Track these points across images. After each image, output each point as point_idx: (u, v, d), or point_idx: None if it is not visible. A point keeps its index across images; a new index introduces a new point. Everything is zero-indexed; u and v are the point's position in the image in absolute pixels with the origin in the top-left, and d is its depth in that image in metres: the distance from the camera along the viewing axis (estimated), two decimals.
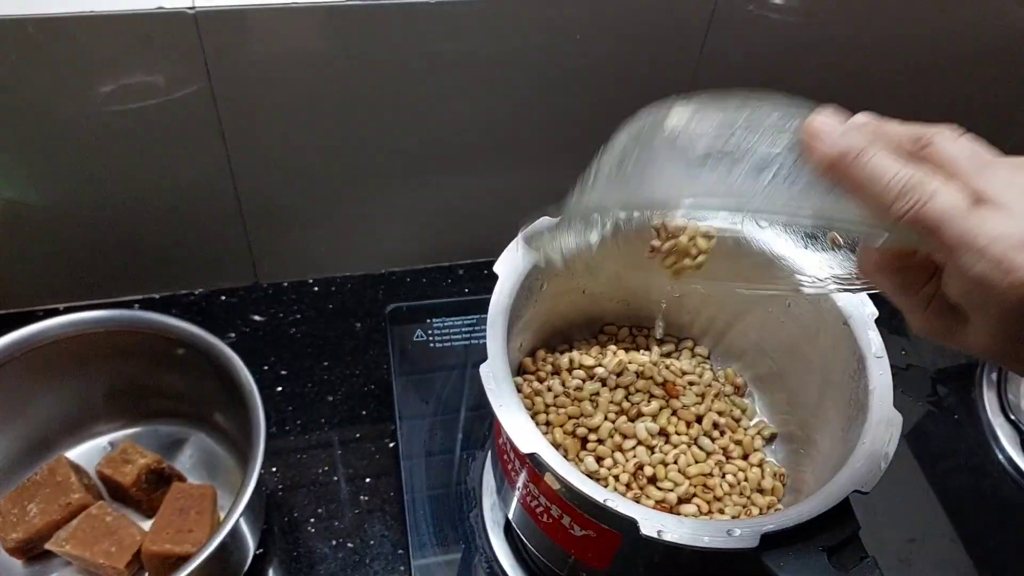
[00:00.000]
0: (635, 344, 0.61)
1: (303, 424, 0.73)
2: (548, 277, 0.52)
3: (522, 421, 0.43)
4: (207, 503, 0.62)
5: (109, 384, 0.67)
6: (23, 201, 0.69)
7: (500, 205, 0.80)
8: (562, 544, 0.47)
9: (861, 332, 0.48)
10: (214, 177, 0.71)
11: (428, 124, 0.72)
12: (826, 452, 0.51)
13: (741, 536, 0.39)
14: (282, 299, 0.81)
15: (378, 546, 0.65)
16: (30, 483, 0.62)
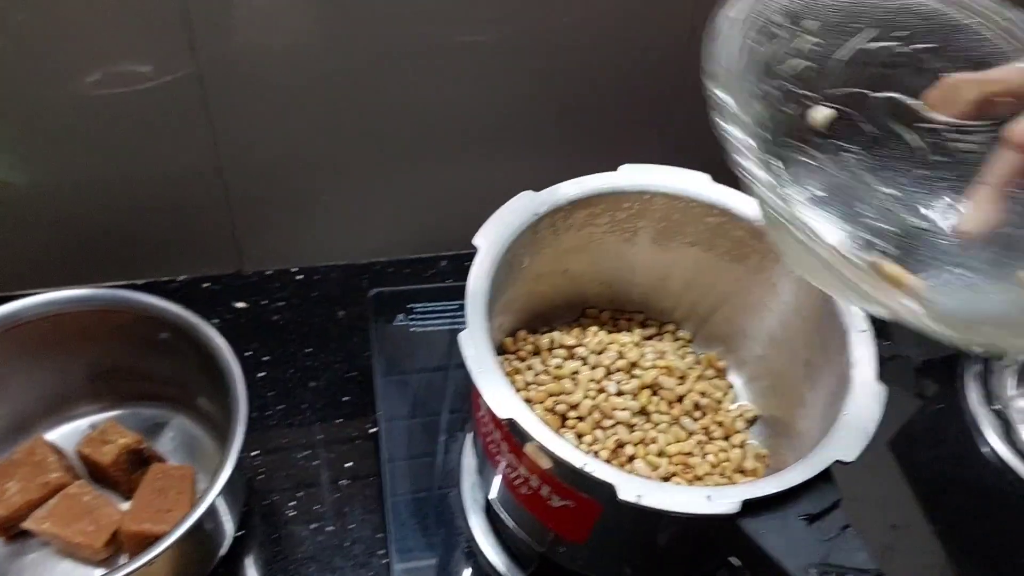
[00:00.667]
0: (616, 327, 0.61)
1: (285, 409, 0.72)
2: (528, 252, 0.52)
3: (502, 387, 0.43)
4: (186, 484, 0.61)
5: (91, 365, 0.66)
6: (6, 182, 0.68)
7: (484, 197, 0.79)
8: (541, 517, 0.47)
9: (844, 307, 0.48)
10: (200, 163, 0.71)
11: (414, 114, 0.72)
12: (807, 433, 0.51)
13: (720, 502, 0.39)
14: (266, 287, 0.81)
15: (358, 529, 0.65)
16: (8, 462, 0.62)
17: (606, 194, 0.53)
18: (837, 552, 0.40)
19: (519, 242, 0.51)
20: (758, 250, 0.53)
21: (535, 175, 0.78)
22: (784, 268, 0.52)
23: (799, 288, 0.51)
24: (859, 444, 0.42)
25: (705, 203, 0.53)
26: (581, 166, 0.78)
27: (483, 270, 0.48)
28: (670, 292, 0.60)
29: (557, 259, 0.56)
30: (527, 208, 0.51)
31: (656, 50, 0.72)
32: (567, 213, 0.53)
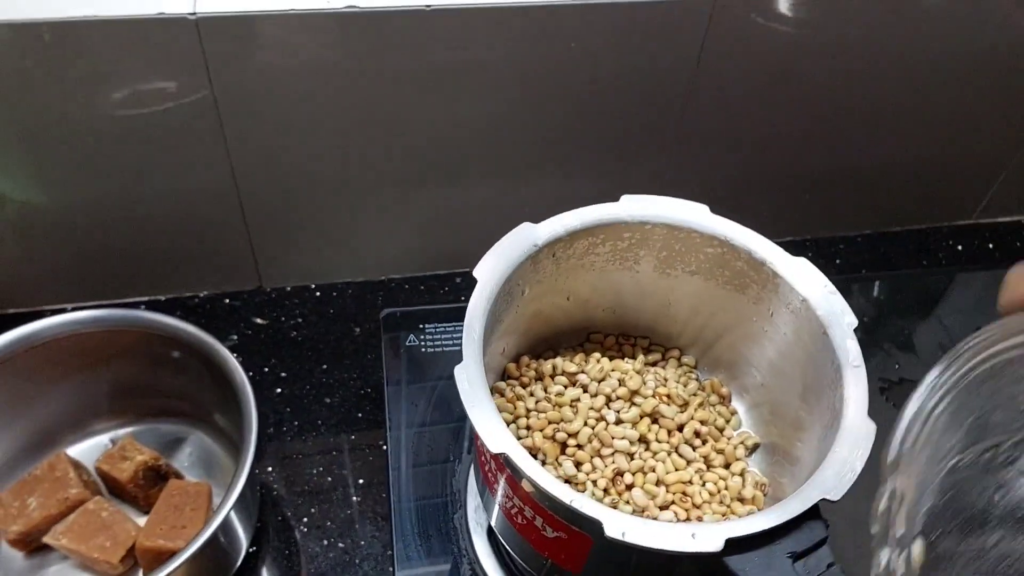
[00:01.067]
0: (621, 352, 0.61)
1: (300, 425, 0.74)
2: (529, 282, 0.53)
3: (494, 422, 0.43)
4: (202, 500, 0.63)
5: (112, 382, 0.68)
6: (33, 204, 0.71)
7: (497, 217, 0.80)
8: (537, 547, 0.48)
9: (840, 341, 0.48)
10: (217, 183, 0.73)
11: (429, 135, 0.73)
12: (804, 462, 0.51)
13: (703, 540, 0.40)
14: (284, 303, 0.82)
15: (368, 547, 0.66)
16: (31, 478, 0.64)
17: (607, 224, 0.54)
18: None
19: (519, 272, 0.51)
20: (757, 281, 0.53)
21: (546, 197, 0.79)
22: (781, 299, 0.52)
23: (796, 320, 0.51)
24: (845, 483, 0.42)
25: (705, 234, 0.53)
26: (588, 190, 0.79)
27: (480, 303, 0.48)
28: (675, 318, 0.60)
29: (559, 287, 0.56)
30: (527, 239, 0.52)
31: (661, 81, 0.72)
32: (567, 243, 0.53)
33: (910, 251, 0.92)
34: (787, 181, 0.85)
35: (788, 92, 0.76)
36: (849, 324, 0.49)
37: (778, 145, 0.81)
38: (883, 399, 0.70)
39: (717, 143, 0.79)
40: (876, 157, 0.85)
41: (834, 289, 0.50)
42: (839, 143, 0.82)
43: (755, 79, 0.74)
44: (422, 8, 0.62)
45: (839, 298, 0.50)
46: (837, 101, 0.78)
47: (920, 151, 0.86)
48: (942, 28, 0.74)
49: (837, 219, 0.92)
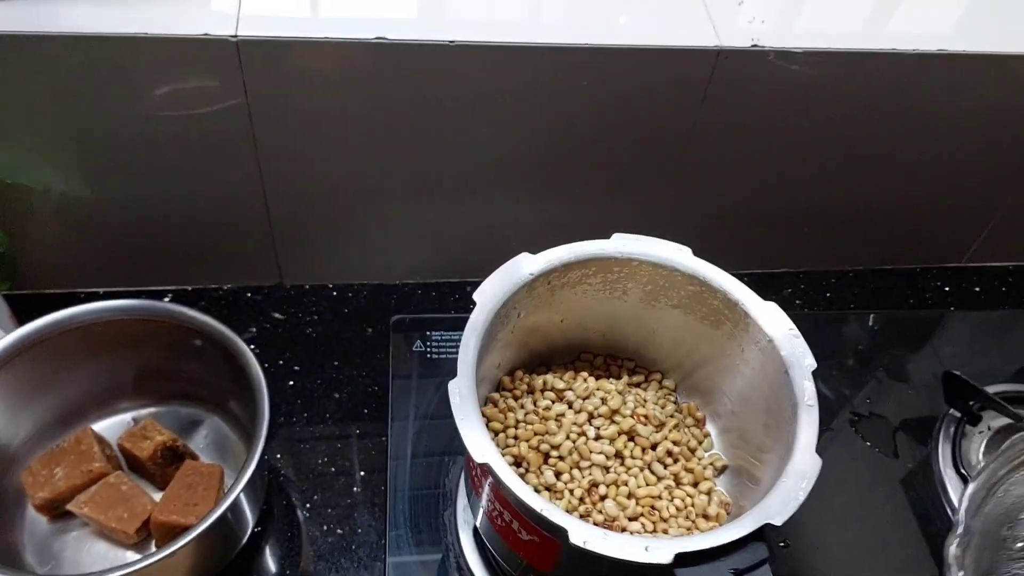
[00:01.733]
0: (608, 372, 0.66)
1: (309, 417, 0.79)
2: (525, 308, 0.58)
3: (480, 434, 0.49)
4: (214, 481, 0.69)
5: (136, 366, 0.74)
6: (75, 195, 0.76)
7: (507, 231, 0.86)
8: (513, 547, 0.53)
9: (798, 381, 0.53)
10: (246, 185, 0.78)
11: (444, 157, 0.78)
12: (764, 486, 0.56)
13: (656, 552, 0.45)
14: (302, 300, 0.88)
15: (364, 535, 0.72)
16: (58, 449, 0.69)
17: (598, 259, 0.59)
18: None
19: (515, 297, 0.56)
20: (730, 319, 0.58)
21: (548, 220, 0.85)
22: (751, 337, 0.57)
23: (763, 357, 0.56)
24: (789, 510, 0.47)
25: (686, 273, 0.58)
26: (588, 216, 0.85)
27: (478, 324, 0.54)
28: (660, 345, 0.65)
29: (553, 311, 0.61)
30: (523, 268, 0.57)
31: (664, 121, 0.77)
32: (561, 273, 0.58)
33: (900, 289, 0.96)
34: (783, 217, 0.89)
35: (787, 136, 0.80)
36: (808, 366, 0.54)
37: (775, 184, 0.85)
38: (852, 431, 0.75)
39: (716, 180, 0.83)
40: (871, 199, 0.89)
41: (798, 333, 0.55)
42: (835, 185, 0.87)
43: (756, 124, 0.78)
44: (446, 43, 0.67)
45: (801, 341, 0.55)
46: (835, 145, 0.82)
47: (914, 196, 0.90)
48: (941, 82, 0.77)
49: (831, 254, 0.96)
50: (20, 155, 0.72)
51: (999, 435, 0.73)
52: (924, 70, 0.75)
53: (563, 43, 0.68)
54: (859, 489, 0.72)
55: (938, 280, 0.98)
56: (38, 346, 0.67)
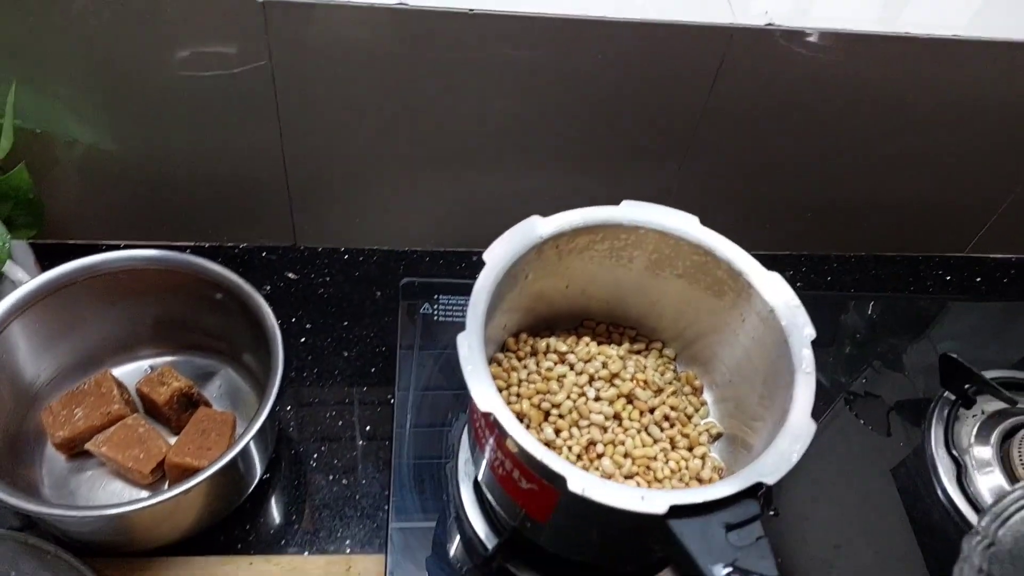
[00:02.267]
0: (610, 339, 0.68)
1: (319, 373, 0.82)
2: (534, 271, 0.60)
3: (486, 385, 0.51)
4: (227, 428, 0.71)
5: (156, 315, 0.76)
6: (100, 147, 0.78)
7: (517, 202, 0.87)
8: (512, 495, 0.55)
9: (797, 349, 0.55)
10: (266, 146, 0.80)
11: (460, 124, 0.80)
12: (755, 453, 0.58)
13: (651, 502, 0.47)
14: (315, 262, 0.90)
15: (368, 485, 0.74)
16: (79, 391, 0.72)
17: (606, 225, 0.60)
18: (746, 558, 0.47)
19: (524, 259, 0.58)
20: (733, 289, 0.60)
21: (559, 190, 0.87)
22: (753, 307, 0.59)
23: (764, 326, 0.58)
24: (781, 470, 0.49)
25: (692, 243, 0.60)
26: (597, 188, 0.87)
27: (487, 282, 0.56)
28: (661, 315, 0.67)
29: (560, 274, 0.63)
30: (533, 231, 0.59)
31: (677, 97, 0.78)
32: (570, 238, 0.60)
33: (901, 275, 0.98)
34: (787, 201, 0.91)
35: (798, 119, 0.82)
36: (808, 335, 0.55)
37: (782, 168, 0.87)
38: (847, 409, 0.77)
39: (724, 159, 0.85)
40: (876, 186, 0.91)
41: (799, 303, 0.57)
42: (841, 170, 0.88)
43: (767, 105, 0.80)
44: (465, 11, 0.69)
45: (802, 311, 0.56)
46: (843, 131, 0.84)
47: (919, 184, 0.91)
48: (952, 70, 0.79)
49: (833, 238, 0.97)
50: (50, 105, 0.74)
51: (992, 419, 0.75)
52: (936, 56, 0.77)
53: (579, 15, 0.70)
54: (850, 465, 0.74)
55: (940, 269, 0.99)
56: (63, 290, 0.70)
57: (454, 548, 0.67)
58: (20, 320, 0.68)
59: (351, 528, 0.72)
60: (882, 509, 0.71)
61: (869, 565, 0.68)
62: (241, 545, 0.70)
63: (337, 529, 0.72)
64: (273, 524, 0.72)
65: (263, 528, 0.71)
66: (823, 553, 0.68)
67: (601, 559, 0.60)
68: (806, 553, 0.68)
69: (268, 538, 0.71)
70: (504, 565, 0.63)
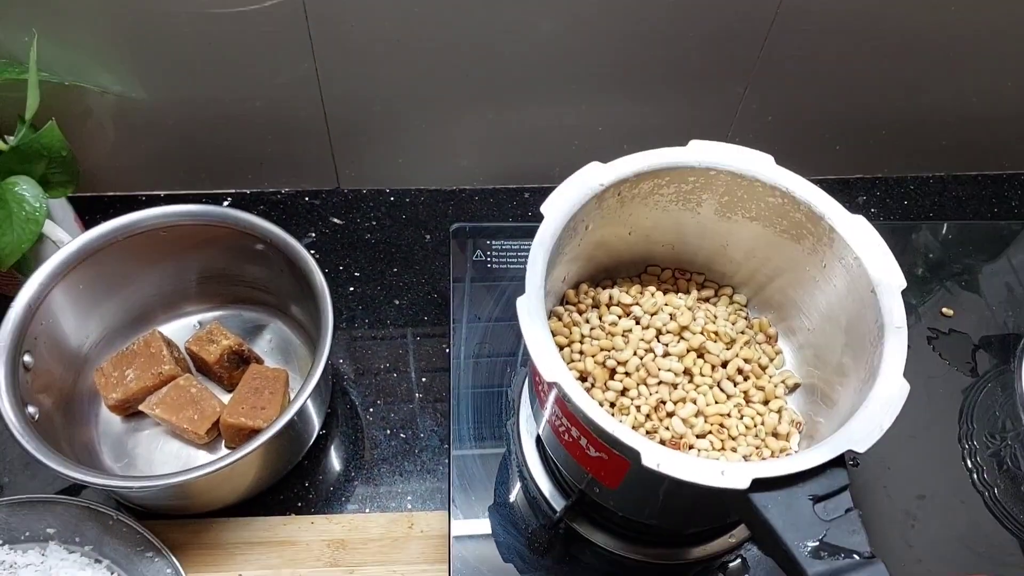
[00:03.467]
0: (676, 287, 0.64)
1: (370, 322, 0.79)
2: (593, 219, 0.56)
3: (550, 353, 0.47)
4: (280, 385, 0.69)
5: (200, 270, 0.74)
6: (131, 96, 0.75)
7: (568, 136, 0.83)
8: (579, 461, 0.53)
9: (886, 302, 0.50)
10: (302, 86, 0.76)
11: (508, 55, 0.74)
12: (841, 407, 0.54)
13: (732, 477, 0.44)
14: (360, 205, 0.87)
15: (427, 439, 0.72)
16: (128, 352, 0.71)
17: (673, 168, 0.55)
18: (836, 532, 0.44)
19: (584, 210, 0.54)
20: (814, 233, 0.55)
21: (615, 122, 0.81)
22: (835, 253, 0.54)
23: (848, 275, 0.53)
24: (872, 437, 0.45)
25: (768, 184, 0.55)
26: (656, 119, 0.81)
27: (545, 239, 0.52)
28: (731, 259, 0.63)
29: (622, 223, 0.59)
30: (593, 179, 0.54)
31: (742, 17, 0.72)
32: (633, 184, 0.56)
33: (983, 197, 0.91)
34: (862, 121, 0.85)
35: (871, 33, 0.75)
36: (898, 286, 0.51)
37: (856, 83, 0.80)
38: (930, 348, 0.72)
39: (793, 81, 0.79)
40: (956, 101, 0.83)
41: (887, 250, 0.52)
42: (919, 85, 0.81)
43: (838, 19, 0.73)
44: None
45: (891, 259, 0.52)
46: (920, 43, 0.76)
47: (1002, 96, 0.84)
48: None
49: (910, 159, 0.91)
50: (78, 57, 0.71)
51: None
52: None
53: None
54: (934, 407, 0.69)
55: None
56: (104, 250, 0.68)
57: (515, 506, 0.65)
58: (63, 283, 0.66)
59: (411, 484, 0.70)
60: (970, 454, 0.67)
61: (955, 517, 0.64)
62: (301, 504, 0.69)
63: (397, 485, 0.70)
64: (332, 481, 0.70)
65: (322, 486, 0.70)
66: (905, 505, 0.64)
67: (675, 522, 0.57)
68: (887, 505, 0.64)
69: (327, 496, 0.70)
70: (572, 526, 0.61)
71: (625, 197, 0.56)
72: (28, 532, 0.64)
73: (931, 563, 0.62)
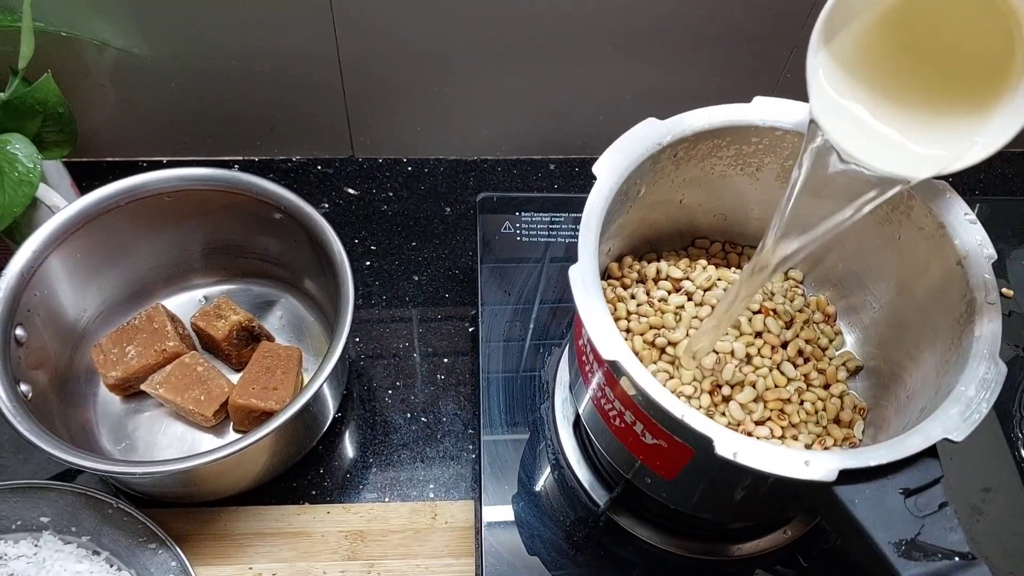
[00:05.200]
0: (726, 261, 0.59)
1: (388, 299, 0.74)
2: (646, 182, 0.51)
3: (607, 327, 0.42)
4: (293, 364, 0.64)
5: (207, 240, 0.69)
6: (133, 51, 0.70)
7: (595, 104, 0.78)
8: (631, 449, 0.48)
9: (976, 274, 0.46)
10: (319, 46, 0.71)
11: (531, 15, 0.70)
12: (914, 393, 0.49)
13: (817, 468, 0.39)
14: (376, 175, 0.81)
15: (449, 423, 0.67)
16: (129, 327, 0.65)
17: (736, 127, 0.51)
18: (930, 530, 0.39)
19: (638, 172, 0.49)
20: (888, 200, 0.50)
21: (654, 87, 0.76)
22: (913, 222, 0.49)
23: (928, 245, 0.49)
24: (970, 424, 0.41)
25: None
26: (699, 84, 0.76)
27: (599, 202, 0.47)
28: None
29: (674, 189, 0.54)
30: (650, 137, 0.49)
31: None
32: (691, 144, 0.51)
33: None
34: None
35: None
36: (988, 257, 0.46)
37: None
38: None
39: None
40: None
41: (975, 218, 0.47)
42: None
43: None
44: None
45: (979, 228, 0.47)
46: None
47: None
48: None
49: None
50: (74, 5, 0.65)
51: None
52: None
53: None
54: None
55: None
56: (104, 216, 0.63)
57: (550, 497, 0.60)
58: (59, 251, 0.61)
59: (433, 471, 0.66)
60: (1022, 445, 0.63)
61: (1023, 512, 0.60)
62: (316, 492, 0.64)
63: (418, 472, 0.65)
64: (348, 468, 0.66)
65: (337, 473, 0.65)
66: (971, 498, 0.60)
67: (734, 517, 0.53)
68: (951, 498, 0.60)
69: (343, 483, 0.65)
70: (612, 519, 0.56)
71: (681, 159, 0.51)
72: (20, 521, 0.59)
73: (999, 560, 0.58)
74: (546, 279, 0.69)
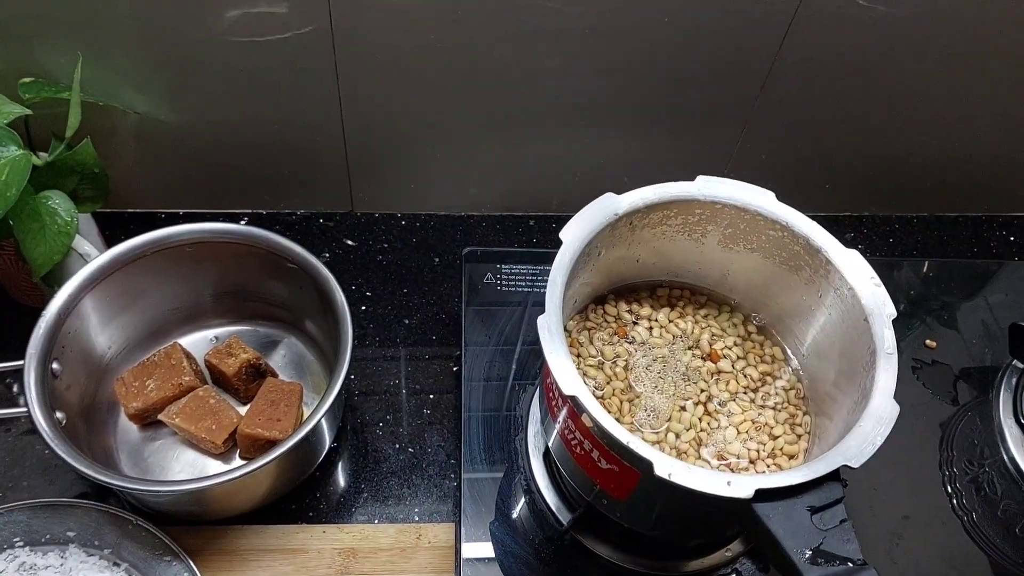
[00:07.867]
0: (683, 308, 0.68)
1: (380, 340, 0.82)
2: (606, 245, 0.60)
3: (568, 367, 0.51)
4: (295, 398, 0.72)
5: (220, 285, 0.77)
6: (156, 116, 0.78)
7: (569, 169, 0.87)
8: (589, 474, 0.56)
9: (878, 330, 0.54)
10: (324, 111, 0.79)
11: (521, 88, 0.78)
12: (829, 432, 0.58)
13: (737, 487, 0.47)
14: (373, 228, 0.90)
15: (434, 454, 0.75)
16: (149, 362, 0.73)
17: (682, 200, 0.59)
18: (831, 541, 0.47)
19: (599, 236, 0.58)
20: (811, 265, 0.59)
21: (620, 155, 0.85)
22: (831, 284, 0.58)
23: (842, 304, 0.57)
24: (866, 454, 0.49)
25: (769, 218, 0.59)
26: (661, 154, 0.85)
27: (564, 261, 0.55)
28: (733, 287, 0.67)
29: (631, 250, 0.63)
30: (608, 208, 0.58)
31: (744, 61, 0.77)
32: (644, 214, 0.59)
33: (963, 237, 0.96)
34: (851, 160, 0.89)
35: (864, 79, 0.79)
36: (889, 315, 0.55)
37: (848, 128, 0.85)
38: (914, 377, 0.76)
39: (789, 121, 0.83)
40: (943, 145, 0.88)
41: (879, 282, 0.56)
42: (909, 129, 0.86)
43: (833, 66, 0.78)
44: None
45: (883, 290, 0.56)
46: (913, 90, 0.81)
47: (985, 142, 0.89)
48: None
49: (896, 199, 0.95)
50: (111, 77, 0.74)
51: None
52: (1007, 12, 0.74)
53: None
54: (918, 433, 0.73)
55: (1004, 229, 0.97)
56: (131, 264, 0.71)
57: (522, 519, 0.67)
58: (91, 294, 0.69)
59: (419, 496, 0.73)
60: (951, 479, 0.71)
61: (937, 537, 0.68)
62: (312, 513, 0.71)
63: (405, 498, 0.73)
64: (342, 492, 0.73)
65: (332, 496, 0.73)
66: (891, 524, 0.68)
67: (679, 534, 0.61)
68: (873, 524, 0.68)
69: (338, 506, 0.72)
70: (576, 538, 0.64)
71: (636, 226, 0.60)
72: (49, 535, 0.66)
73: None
74: (526, 325, 0.78)
